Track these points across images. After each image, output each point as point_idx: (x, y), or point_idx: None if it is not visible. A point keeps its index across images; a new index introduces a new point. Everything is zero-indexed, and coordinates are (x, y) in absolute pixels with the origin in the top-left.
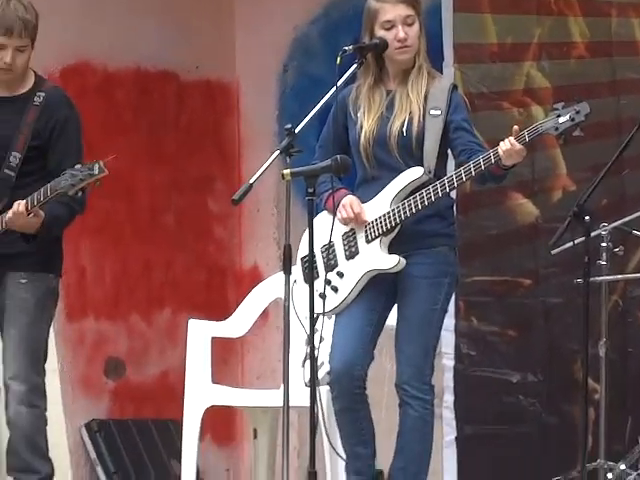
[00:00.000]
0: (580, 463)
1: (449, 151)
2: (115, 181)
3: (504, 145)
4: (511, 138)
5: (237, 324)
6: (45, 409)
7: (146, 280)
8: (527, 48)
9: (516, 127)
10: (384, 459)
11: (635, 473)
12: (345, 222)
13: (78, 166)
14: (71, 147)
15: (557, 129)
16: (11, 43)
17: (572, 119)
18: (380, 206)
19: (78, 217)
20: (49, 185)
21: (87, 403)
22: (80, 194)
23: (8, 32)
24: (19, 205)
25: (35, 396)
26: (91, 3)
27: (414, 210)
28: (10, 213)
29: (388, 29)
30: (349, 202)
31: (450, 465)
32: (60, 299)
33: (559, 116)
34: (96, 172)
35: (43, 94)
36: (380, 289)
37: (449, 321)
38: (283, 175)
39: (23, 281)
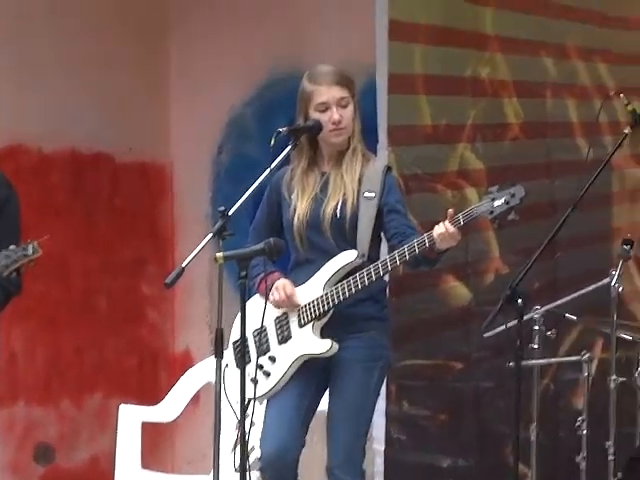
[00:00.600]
0: None
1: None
2: (48, 263)
3: (439, 229)
4: (446, 222)
5: (168, 409)
6: None
7: (78, 364)
8: (461, 129)
9: (451, 210)
10: None
11: None
12: (277, 305)
13: (12, 247)
14: (9, 227)
15: (492, 212)
16: None
17: (507, 202)
18: (313, 289)
19: (9, 303)
20: None
21: None
22: (15, 275)
23: None
24: None
25: None
26: (25, 84)
27: (347, 294)
28: None
29: (322, 111)
30: (282, 285)
31: None
32: None
33: (494, 199)
34: (30, 252)
35: None
36: (312, 373)
37: (380, 405)
38: (216, 259)
39: None
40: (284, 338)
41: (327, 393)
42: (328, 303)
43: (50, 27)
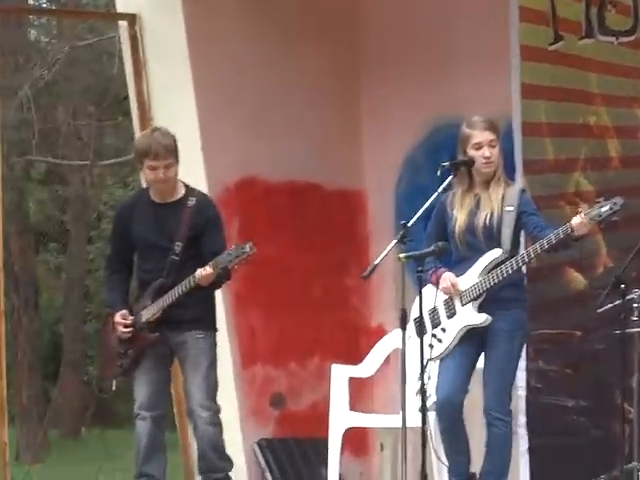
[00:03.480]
0: (619, 465)
1: (520, 237)
2: (276, 265)
3: (576, 219)
4: (580, 214)
5: (367, 367)
6: (221, 425)
7: (300, 336)
8: (576, 162)
9: (580, 209)
10: (476, 464)
11: None
12: (445, 291)
13: (234, 246)
14: (219, 238)
15: (600, 215)
16: (160, 164)
17: (611, 208)
18: (470, 278)
19: (250, 291)
20: (216, 260)
21: (257, 427)
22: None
23: (157, 156)
24: (207, 268)
25: (217, 417)
26: (257, 132)
27: (496, 281)
28: (202, 274)
29: (477, 149)
30: (448, 277)
31: (524, 469)
32: (236, 351)
33: (601, 207)
34: (247, 250)
35: (195, 199)
36: (472, 340)
37: (522, 363)
38: (399, 258)
39: (200, 336)
40: (451, 314)
41: (483, 355)
42: (482, 288)
43: (274, 90)
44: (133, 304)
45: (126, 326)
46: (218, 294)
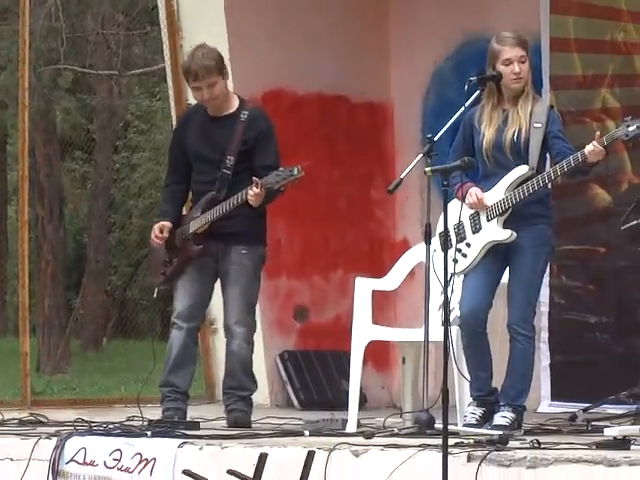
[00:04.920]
0: None
1: (547, 154)
2: (302, 177)
3: (589, 147)
4: (594, 142)
5: (391, 280)
6: (254, 344)
7: (324, 249)
8: (603, 78)
9: (598, 133)
10: (498, 379)
11: None
12: (471, 206)
13: (282, 168)
14: (271, 151)
15: (627, 135)
16: (202, 84)
17: (639, 127)
18: (497, 194)
19: (275, 202)
20: (264, 179)
21: (280, 339)
22: (283, 188)
23: (197, 77)
24: (257, 187)
25: (251, 335)
26: (284, 43)
27: (522, 196)
28: (252, 192)
29: (507, 65)
30: (474, 191)
31: (545, 384)
32: None
33: (628, 126)
34: (295, 173)
35: (247, 112)
36: (497, 256)
37: (545, 279)
38: (425, 172)
39: (244, 252)
40: (477, 229)
41: (507, 270)
42: (508, 203)
43: (301, 2)
44: (183, 217)
45: (159, 237)
46: None
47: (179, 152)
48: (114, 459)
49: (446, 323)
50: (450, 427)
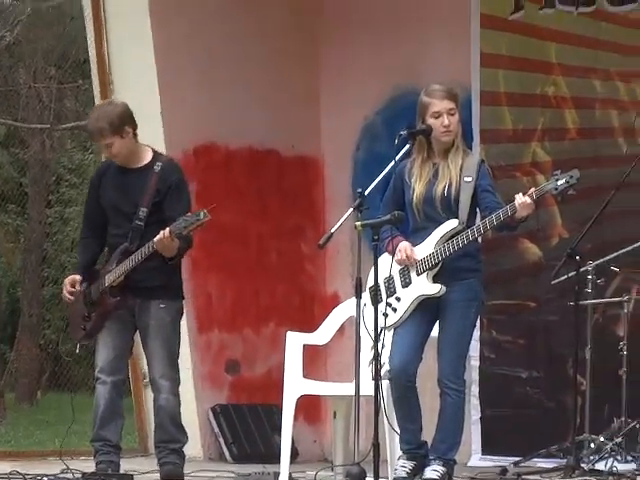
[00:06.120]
0: (571, 436)
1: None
2: (232, 231)
3: (519, 199)
4: (523, 195)
5: (322, 335)
6: (179, 396)
7: (256, 303)
8: (534, 132)
9: (532, 189)
10: (429, 433)
11: (611, 443)
12: (400, 263)
13: (189, 214)
14: (182, 203)
15: (557, 189)
16: (100, 144)
17: (567, 182)
18: (427, 248)
19: (206, 257)
20: (170, 226)
21: (212, 392)
22: (190, 234)
23: (93, 138)
24: (164, 232)
25: (177, 387)
26: (215, 97)
27: (452, 251)
28: (158, 238)
29: (436, 117)
30: (404, 247)
31: (476, 438)
32: (191, 316)
33: (558, 180)
34: (202, 217)
35: (160, 164)
36: (427, 310)
37: (476, 333)
38: (356, 226)
39: (162, 306)
40: (406, 284)
41: (437, 324)
42: (438, 257)
43: (232, 54)
44: (98, 270)
45: (68, 292)
46: None
47: (94, 204)
48: None
49: (377, 377)
50: None
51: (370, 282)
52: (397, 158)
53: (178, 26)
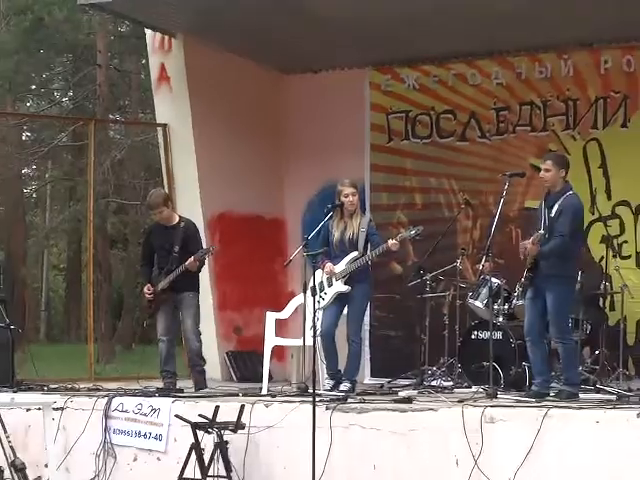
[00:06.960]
0: (418, 367)
1: (368, 245)
2: (236, 261)
3: (390, 241)
4: (392, 239)
5: (285, 313)
6: (201, 342)
7: (250, 297)
8: (398, 206)
9: (397, 237)
10: (341, 364)
11: (439, 370)
12: (327, 274)
13: (204, 248)
14: (198, 242)
15: (410, 235)
16: (155, 212)
17: (416, 232)
18: (341, 266)
19: (222, 273)
20: (194, 256)
21: (227, 344)
22: (204, 258)
23: (151, 208)
24: (193, 258)
25: (199, 338)
26: (230, 186)
27: (354, 268)
28: (189, 262)
29: (345, 197)
30: (329, 266)
31: (367, 368)
32: (215, 302)
33: (410, 231)
34: (211, 250)
35: (184, 223)
36: (341, 299)
37: (367, 311)
38: (304, 255)
39: (190, 296)
40: (330, 285)
41: (347, 307)
42: (347, 271)
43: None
44: (155, 279)
45: (149, 293)
46: (205, 273)
47: (148, 246)
48: (137, 409)
49: (314, 336)
50: (317, 391)
51: (311, 284)
52: (325, 219)
53: (209, 153)
